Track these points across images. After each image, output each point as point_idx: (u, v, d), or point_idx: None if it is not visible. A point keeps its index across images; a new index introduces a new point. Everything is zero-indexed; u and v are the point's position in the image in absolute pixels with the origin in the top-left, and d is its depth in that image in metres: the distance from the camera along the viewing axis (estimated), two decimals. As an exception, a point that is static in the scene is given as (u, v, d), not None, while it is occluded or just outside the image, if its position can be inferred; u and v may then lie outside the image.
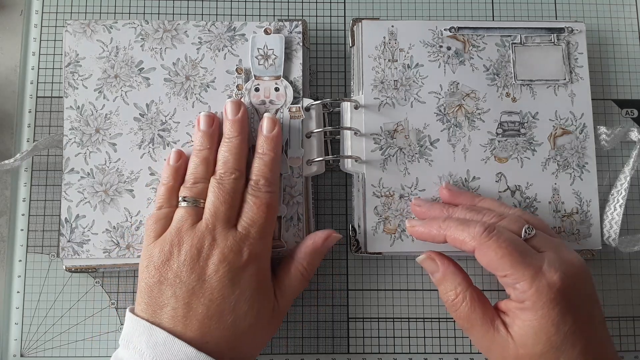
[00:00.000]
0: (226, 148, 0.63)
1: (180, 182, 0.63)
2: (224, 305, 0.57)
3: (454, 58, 0.71)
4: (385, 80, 0.69)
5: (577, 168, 0.69)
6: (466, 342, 0.70)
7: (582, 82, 0.71)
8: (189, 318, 0.57)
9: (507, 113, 0.70)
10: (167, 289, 0.58)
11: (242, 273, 0.58)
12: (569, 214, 0.69)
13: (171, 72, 0.68)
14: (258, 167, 0.63)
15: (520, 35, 0.72)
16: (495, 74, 0.71)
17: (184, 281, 0.57)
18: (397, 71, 0.70)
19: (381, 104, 0.69)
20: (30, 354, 0.68)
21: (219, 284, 0.57)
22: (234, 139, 0.63)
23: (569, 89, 0.71)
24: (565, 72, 0.71)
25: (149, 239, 0.61)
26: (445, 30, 0.71)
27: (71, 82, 0.68)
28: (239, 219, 0.61)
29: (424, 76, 0.70)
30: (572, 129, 0.70)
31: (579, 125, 0.70)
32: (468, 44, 0.71)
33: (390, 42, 0.70)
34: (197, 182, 0.62)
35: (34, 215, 0.70)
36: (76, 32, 0.69)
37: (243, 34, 0.69)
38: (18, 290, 0.69)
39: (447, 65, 0.71)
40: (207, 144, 0.64)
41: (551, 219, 0.69)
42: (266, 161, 0.63)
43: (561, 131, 0.70)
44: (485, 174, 0.69)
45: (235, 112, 0.64)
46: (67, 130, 0.67)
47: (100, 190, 0.67)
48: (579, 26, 0.72)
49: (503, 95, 0.70)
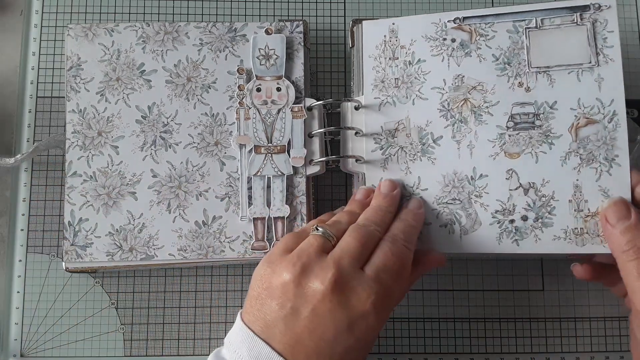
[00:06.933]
0: (373, 212, 0.61)
1: None
2: (335, 348, 0.53)
3: (459, 50, 0.66)
4: (385, 79, 0.67)
5: (604, 162, 0.62)
6: (466, 342, 0.70)
7: (613, 64, 0.63)
8: (297, 348, 0.53)
9: (519, 104, 0.64)
10: (278, 309, 0.54)
11: (361, 321, 0.54)
12: (593, 214, 0.62)
13: (172, 73, 0.68)
14: (399, 226, 0.60)
15: (536, 19, 0.65)
16: (507, 63, 0.65)
17: (296, 309, 0.53)
18: (398, 69, 0.67)
19: (382, 103, 0.67)
20: (30, 354, 0.68)
21: (333, 324, 0.53)
22: (385, 209, 0.62)
23: (596, 73, 0.63)
24: (591, 55, 0.63)
25: (276, 249, 0.58)
26: (450, 22, 0.67)
27: (73, 85, 0.68)
28: (369, 261, 0.56)
29: (426, 72, 0.67)
30: (599, 118, 0.62)
31: (608, 113, 0.62)
32: (475, 34, 0.66)
33: (391, 40, 0.68)
34: (336, 225, 0.60)
35: (34, 215, 0.71)
36: (78, 36, 0.69)
37: (244, 34, 0.69)
38: (18, 290, 0.69)
39: (451, 59, 0.66)
40: (357, 209, 0.63)
41: (571, 218, 0.62)
42: (407, 225, 0.61)
43: (585, 121, 0.63)
44: (494, 171, 0.64)
45: (391, 190, 0.64)
46: (70, 133, 0.67)
47: (103, 193, 0.67)
48: (607, 1, 0.64)
49: (515, 86, 0.64)
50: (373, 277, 0.55)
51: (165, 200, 0.67)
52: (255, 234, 0.66)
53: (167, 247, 0.66)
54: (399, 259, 0.57)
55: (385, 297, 0.55)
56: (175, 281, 0.70)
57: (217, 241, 0.66)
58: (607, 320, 0.70)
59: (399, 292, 0.58)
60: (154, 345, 0.69)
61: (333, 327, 0.53)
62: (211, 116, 0.68)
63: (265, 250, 0.66)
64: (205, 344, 0.70)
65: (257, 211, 0.66)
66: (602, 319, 0.70)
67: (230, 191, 0.67)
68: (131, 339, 0.69)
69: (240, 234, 0.66)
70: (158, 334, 0.69)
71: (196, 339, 0.70)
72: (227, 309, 0.70)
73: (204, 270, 0.71)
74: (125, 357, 0.69)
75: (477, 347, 0.70)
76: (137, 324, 0.70)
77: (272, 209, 0.67)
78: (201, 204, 0.67)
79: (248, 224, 0.67)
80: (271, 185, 0.67)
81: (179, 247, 0.66)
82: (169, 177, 0.67)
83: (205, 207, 0.67)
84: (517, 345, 0.70)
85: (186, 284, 0.70)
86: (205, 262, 0.68)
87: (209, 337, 0.70)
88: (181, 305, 0.70)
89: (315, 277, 0.54)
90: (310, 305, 0.53)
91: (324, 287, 0.53)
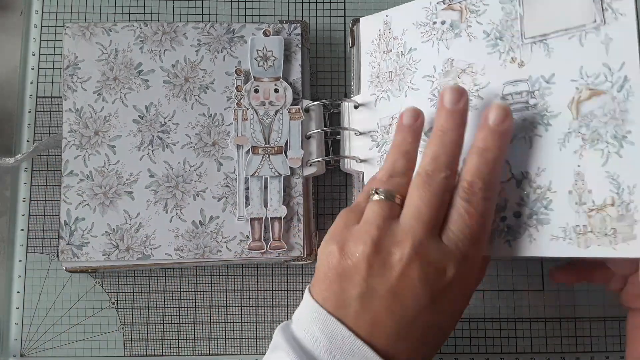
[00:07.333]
0: (439, 142, 0.51)
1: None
2: (415, 325, 0.49)
3: (449, 32, 0.60)
4: (380, 73, 0.65)
5: (612, 141, 0.49)
6: (466, 342, 0.70)
7: (624, 19, 0.50)
8: (375, 329, 0.49)
9: (511, 83, 0.55)
10: (351, 288, 0.49)
11: (442, 295, 0.49)
12: (599, 207, 0.50)
13: (170, 74, 0.68)
14: (476, 165, 0.50)
15: None
16: (498, 38, 0.57)
17: (372, 288, 0.49)
18: (392, 61, 0.64)
19: (377, 99, 0.66)
20: (30, 354, 0.68)
21: (413, 302, 0.49)
22: (450, 133, 0.52)
23: (602, 33, 0.51)
24: (596, 12, 0.52)
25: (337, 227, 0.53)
26: (439, 4, 0.61)
27: (70, 84, 0.68)
28: (444, 227, 0.50)
29: (417, 60, 0.62)
30: (606, 87, 0.50)
31: (618, 79, 0.50)
32: (465, 11, 0.59)
33: (385, 33, 0.65)
34: (394, 175, 0.53)
35: (34, 215, 0.71)
36: (75, 35, 0.69)
37: (242, 35, 0.69)
38: (18, 290, 0.69)
39: (440, 43, 0.60)
40: (409, 138, 0.54)
41: (572, 213, 0.51)
42: (488, 159, 0.50)
43: (589, 93, 0.51)
44: None
45: (455, 101, 0.52)
46: (66, 132, 0.67)
47: (100, 193, 0.67)
48: None
49: (507, 62, 0.56)
50: (451, 249, 0.49)
51: (162, 200, 0.67)
52: (252, 234, 0.66)
53: (163, 246, 0.66)
54: (478, 222, 0.50)
55: (466, 265, 0.50)
56: (175, 281, 0.70)
57: (214, 241, 0.66)
58: (607, 320, 0.70)
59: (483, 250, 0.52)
60: (154, 345, 0.69)
61: (414, 305, 0.48)
62: (209, 117, 0.68)
63: (262, 250, 0.66)
64: (205, 344, 0.70)
65: (254, 211, 0.66)
66: (602, 319, 0.70)
67: (227, 191, 0.67)
68: (131, 339, 0.69)
69: (237, 234, 0.66)
70: (158, 334, 0.69)
71: (196, 339, 0.70)
72: (227, 309, 0.70)
73: (204, 270, 0.71)
74: (125, 357, 0.69)
75: (477, 347, 0.70)
76: (137, 324, 0.70)
77: (269, 210, 0.66)
78: (198, 204, 0.67)
79: (245, 224, 0.66)
80: (268, 186, 0.67)
81: (176, 247, 0.66)
82: (166, 177, 0.67)
83: (203, 207, 0.67)
84: (517, 345, 0.70)
85: (186, 284, 0.70)
86: (202, 262, 0.68)
87: (209, 337, 0.70)
88: (181, 305, 0.70)
89: (388, 254, 0.49)
90: (387, 284, 0.49)
91: (400, 264, 0.48)
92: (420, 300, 0.48)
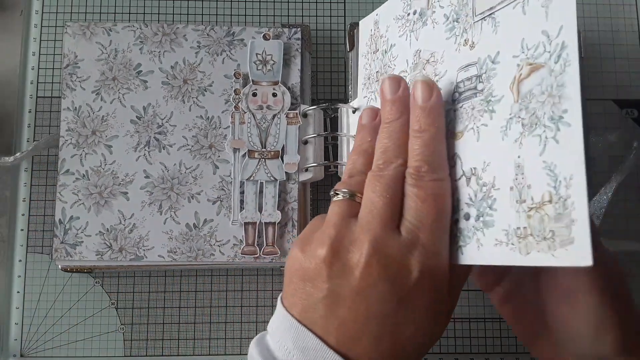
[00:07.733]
0: (385, 134, 0.51)
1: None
2: (384, 326, 0.47)
3: (419, 21, 0.55)
4: (370, 75, 0.63)
5: (550, 124, 0.41)
6: (465, 342, 0.70)
7: None
8: (342, 332, 0.47)
9: (463, 69, 0.50)
10: (315, 292, 0.48)
11: (412, 293, 0.47)
12: (537, 205, 0.41)
13: (169, 75, 0.68)
14: (417, 149, 0.48)
15: None
16: (455, 20, 0.51)
17: (333, 291, 0.47)
18: (378, 61, 0.61)
19: (368, 101, 0.63)
20: (30, 354, 0.69)
21: (379, 303, 0.47)
22: (394, 122, 0.50)
23: None
24: None
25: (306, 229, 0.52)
26: None
27: (69, 83, 0.68)
28: (401, 219, 0.48)
29: (395, 57, 0.58)
30: (545, 59, 0.42)
31: (555, 48, 0.41)
32: None
33: (374, 33, 0.63)
34: (353, 175, 0.52)
35: (34, 215, 0.71)
36: (75, 34, 0.69)
37: (242, 39, 0.69)
38: (18, 290, 0.69)
39: (411, 34, 0.56)
40: (368, 137, 0.53)
41: (513, 214, 0.43)
42: (426, 140, 0.48)
43: (528, 69, 0.44)
44: None
45: (394, 90, 0.51)
46: (64, 131, 0.68)
47: (95, 192, 0.67)
48: None
49: (460, 46, 0.50)
50: (411, 241, 0.47)
51: (157, 202, 0.67)
52: (245, 239, 0.66)
53: (157, 248, 0.66)
54: (433, 206, 0.47)
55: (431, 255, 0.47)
56: (176, 281, 0.70)
57: (207, 244, 0.66)
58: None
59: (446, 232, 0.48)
60: (154, 345, 0.69)
61: (381, 305, 0.46)
62: (206, 119, 0.68)
63: (255, 255, 0.66)
64: (205, 344, 0.70)
65: (248, 216, 0.66)
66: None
67: (222, 195, 0.67)
68: (131, 339, 0.69)
69: (231, 238, 0.66)
70: (158, 334, 0.70)
71: (196, 339, 0.70)
72: (227, 309, 0.70)
73: (204, 271, 0.71)
74: (125, 357, 0.69)
75: (477, 347, 0.70)
76: (137, 324, 0.70)
77: (264, 214, 0.66)
78: (193, 207, 0.67)
79: (239, 229, 0.67)
80: (263, 191, 0.67)
81: (169, 249, 0.66)
82: (161, 178, 0.67)
83: (197, 209, 0.67)
84: (518, 345, 0.70)
85: (186, 284, 0.70)
86: (194, 265, 0.68)
87: (209, 337, 0.70)
88: (181, 306, 0.70)
89: (347, 253, 0.47)
90: (349, 285, 0.47)
91: (360, 263, 0.46)
92: (387, 300, 0.46)
